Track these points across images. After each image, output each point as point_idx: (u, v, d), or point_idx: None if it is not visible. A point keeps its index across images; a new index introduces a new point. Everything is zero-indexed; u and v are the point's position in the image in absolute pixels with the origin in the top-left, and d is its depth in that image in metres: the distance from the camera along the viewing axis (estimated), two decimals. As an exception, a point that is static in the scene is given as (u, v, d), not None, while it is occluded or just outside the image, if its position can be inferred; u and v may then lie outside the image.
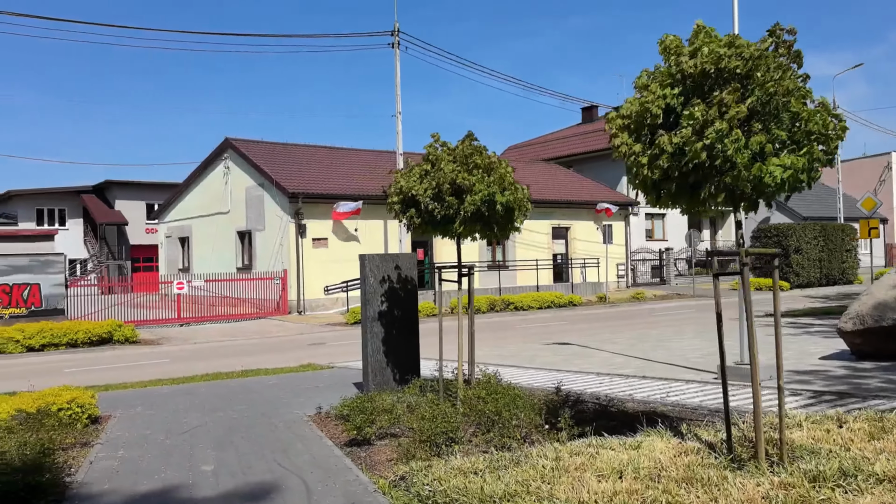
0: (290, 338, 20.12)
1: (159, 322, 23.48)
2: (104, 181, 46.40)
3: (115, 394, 11.03)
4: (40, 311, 21.04)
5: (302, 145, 31.38)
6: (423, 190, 8.24)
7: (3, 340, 17.35)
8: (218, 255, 29.87)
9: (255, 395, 10.35)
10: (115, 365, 15.47)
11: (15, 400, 8.31)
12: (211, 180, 30.90)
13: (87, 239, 46.36)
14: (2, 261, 20.61)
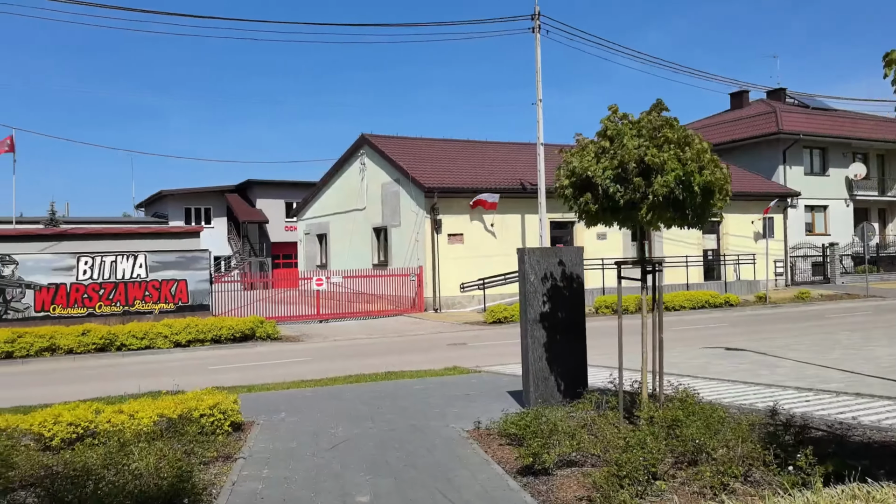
0: (429, 336, 19.34)
1: (299, 318, 23.42)
2: (246, 181, 47.98)
3: (258, 396, 10.47)
4: (187, 307, 21.40)
5: (437, 140, 30.72)
6: (601, 171, 6.98)
7: (153, 336, 17.58)
8: (354, 252, 29.75)
9: (403, 403, 9.44)
10: (258, 363, 15.18)
11: (158, 403, 7.78)
12: (347, 177, 30.85)
13: (231, 237, 48.14)
14: (152, 257, 21.11)
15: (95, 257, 20.42)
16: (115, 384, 12.55)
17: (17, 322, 19.18)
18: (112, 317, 20.38)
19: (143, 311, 20.86)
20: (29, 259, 19.76)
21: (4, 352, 16.08)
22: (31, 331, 16.65)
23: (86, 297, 20.32)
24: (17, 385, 13.04)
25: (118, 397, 10.72)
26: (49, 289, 19.87)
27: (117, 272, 20.63)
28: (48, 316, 19.78)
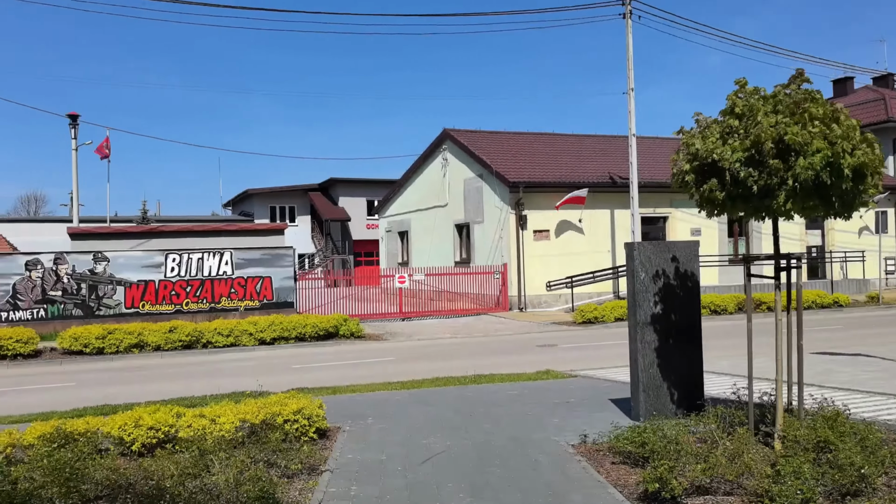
0: (516, 337, 18.57)
1: (381, 316, 23.08)
2: (329, 179, 48.34)
3: (344, 399, 9.97)
4: (271, 304, 21.34)
5: (521, 133, 29.88)
6: (729, 153, 6.09)
7: (238, 333, 17.48)
8: (436, 249, 29.27)
9: (498, 410, 8.74)
10: (341, 362, 14.78)
11: (240, 408, 7.35)
12: (429, 173, 30.39)
13: (314, 234, 48.62)
14: (237, 254, 21.13)
15: (183, 254, 20.59)
16: (199, 382, 12.36)
17: (108, 318, 19.49)
18: (199, 314, 20.51)
19: (228, 309, 20.91)
20: (119, 256, 20.07)
21: (95, 348, 16.25)
22: (121, 327, 16.80)
23: (174, 294, 20.50)
24: (106, 382, 13.03)
25: (201, 398, 10.44)
26: (138, 286, 20.13)
27: (204, 269, 20.74)
28: (137, 312, 20.05)
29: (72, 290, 19.57)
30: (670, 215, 26.33)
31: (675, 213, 26.32)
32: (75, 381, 13.24)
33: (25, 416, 9.64)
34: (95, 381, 13.21)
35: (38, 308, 19.29)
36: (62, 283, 19.48)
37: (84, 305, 19.68)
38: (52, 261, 19.44)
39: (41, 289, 19.30)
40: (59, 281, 19.46)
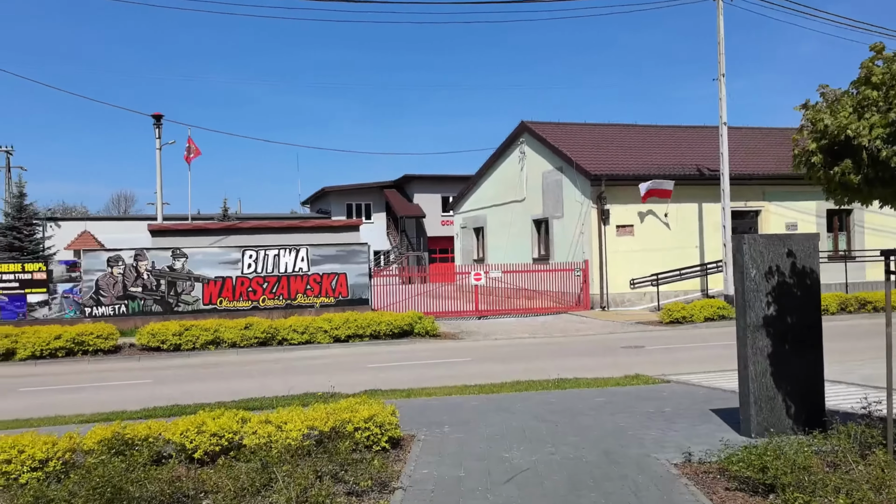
0: (599, 338, 17.65)
1: (457, 314, 22.50)
2: (403, 176, 48.15)
3: (418, 403, 9.39)
4: (346, 301, 21.06)
5: (601, 125, 28.75)
6: (867, 128, 5.17)
7: (313, 330, 17.20)
8: (513, 245, 28.50)
9: (585, 420, 7.98)
10: (416, 361, 14.24)
11: (308, 414, 6.84)
12: (506, 168, 29.63)
13: (389, 231, 48.54)
14: (313, 251, 20.93)
15: (259, 251, 20.52)
16: (273, 381, 12.04)
17: (186, 314, 19.58)
18: (275, 310, 20.40)
19: (304, 305, 20.74)
20: (197, 253, 20.14)
21: (172, 344, 16.24)
22: (198, 324, 16.75)
23: (250, 291, 20.46)
24: (181, 379, 12.87)
25: (272, 398, 10.07)
26: (216, 282, 20.17)
27: (280, 266, 20.62)
28: (215, 309, 20.08)
29: (151, 287, 19.75)
30: (763, 209, 24.78)
31: (768, 206, 24.76)
32: (152, 377, 13.15)
33: (97, 414, 9.45)
34: (171, 377, 13.08)
35: (120, 304, 19.55)
36: (142, 280, 19.68)
37: (163, 301, 19.84)
38: (132, 257, 19.67)
39: (122, 285, 19.55)
40: (140, 277, 19.67)
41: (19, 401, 11.14)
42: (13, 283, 18.84)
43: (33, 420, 9.08)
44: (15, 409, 10.35)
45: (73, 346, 15.71)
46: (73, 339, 15.68)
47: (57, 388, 12.16)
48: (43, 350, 15.45)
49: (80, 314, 19.21)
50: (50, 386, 12.49)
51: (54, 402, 10.84)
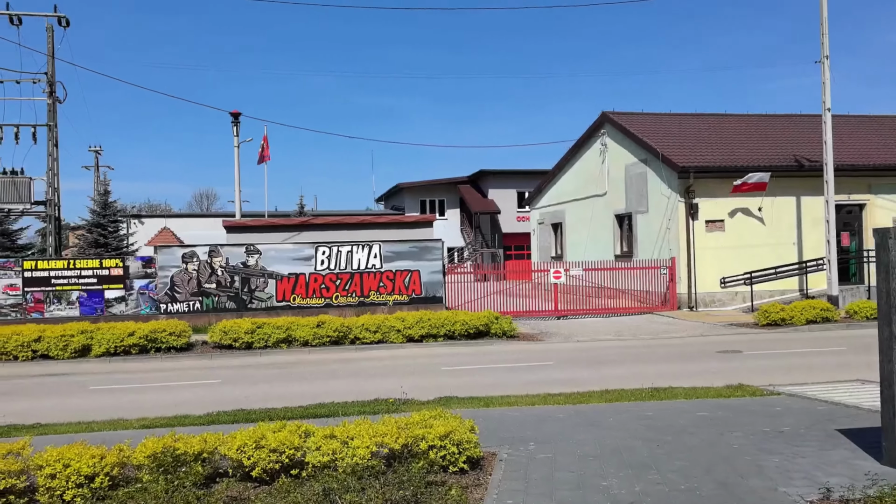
0: (690, 341, 16.41)
1: (535, 314, 21.55)
2: (478, 171, 47.34)
3: (497, 414, 8.56)
4: (420, 299, 20.41)
5: (688, 114, 27.20)
6: None
7: (386, 329, 16.59)
8: (593, 242, 27.30)
9: (691, 440, 6.98)
10: (494, 365, 13.41)
11: (378, 428, 6.11)
12: (585, 161, 28.43)
13: (464, 228, 47.84)
14: (386, 247, 20.38)
15: (332, 247, 20.09)
16: (343, 383, 11.43)
17: (260, 312, 19.33)
18: (348, 308, 19.95)
19: (377, 303, 20.21)
20: (270, 249, 19.86)
21: (244, 342, 15.91)
22: (270, 321, 16.37)
23: (323, 288, 20.06)
24: (250, 380, 12.42)
25: (341, 404, 9.42)
26: (289, 278, 19.84)
27: (353, 262, 20.15)
28: (289, 306, 19.76)
29: (225, 283, 19.57)
30: (868, 203, 22.84)
31: (874, 200, 22.82)
32: (221, 377, 12.76)
33: (160, 418, 9.01)
34: (240, 378, 12.65)
35: (194, 300, 19.45)
36: (216, 276, 19.53)
37: (237, 298, 19.64)
38: (206, 253, 19.54)
39: (196, 281, 19.43)
40: (214, 273, 19.52)
41: (87, 399, 10.88)
42: (91, 279, 18.97)
43: (95, 424, 8.70)
44: (81, 409, 10.05)
45: (147, 343, 15.55)
46: (146, 336, 15.53)
47: (125, 388, 11.89)
48: (117, 347, 15.34)
49: (155, 310, 19.20)
50: (119, 384, 12.24)
51: (120, 403, 10.51)
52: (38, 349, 15.12)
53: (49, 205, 23.56)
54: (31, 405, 10.48)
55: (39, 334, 15.20)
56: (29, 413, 9.86)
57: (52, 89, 23.65)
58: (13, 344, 14.98)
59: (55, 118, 23.73)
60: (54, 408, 10.24)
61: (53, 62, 23.76)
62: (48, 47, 23.67)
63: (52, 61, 23.73)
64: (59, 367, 14.46)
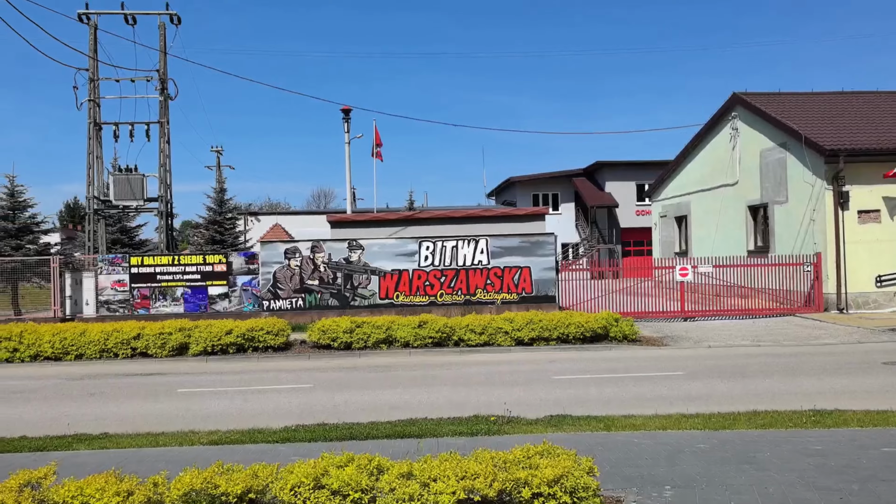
0: (846, 349, 14.11)
1: (658, 315, 19.59)
2: (594, 163, 45.15)
3: (622, 442, 7.03)
4: (530, 298, 18.95)
5: (830, 93, 24.28)
6: None
7: (493, 331, 15.26)
8: (722, 236, 24.87)
9: (883, 489, 5.23)
10: (613, 374, 11.78)
11: (468, 465, 4.78)
12: (713, 148, 25.98)
13: (579, 223, 45.76)
14: (493, 242, 19.04)
15: (437, 242, 18.97)
16: (441, 393, 10.19)
17: (363, 309, 18.49)
18: (453, 306, 18.78)
19: (484, 301, 18.93)
20: (374, 244, 18.97)
21: (343, 342, 15.01)
22: (369, 320, 15.40)
23: (427, 285, 18.98)
24: (343, 385, 11.41)
25: (434, 422, 8.15)
26: (392, 275, 18.89)
27: (458, 258, 18.95)
28: (392, 304, 18.81)
29: (328, 280, 18.85)
30: None
31: None
32: (313, 381, 11.83)
33: (233, 431, 8.08)
34: (334, 382, 11.67)
35: (297, 297, 18.84)
36: (319, 272, 18.84)
37: (339, 295, 18.87)
38: (309, 249, 18.88)
39: (299, 277, 18.82)
40: (317, 270, 18.84)
41: (170, 404, 10.17)
42: (195, 276, 18.72)
43: (162, 437, 7.84)
44: (159, 415, 9.33)
45: (244, 341, 14.94)
46: (243, 334, 14.92)
47: (214, 391, 11.15)
48: (214, 346, 14.81)
49: (258, 307, 18.73)
50: (208, 387, 11.53)
51: (201, 409, 9.73)
52: (137, 347, 14.80)
53: (161, 201, 23.75)
54: (112, 409, 9.87)
55: (139, 332, 14.88)
56: (107, 418, 9.22)
57: (164, 86, 23.83)
58: (113, 341, 14.72)
59: (167, 115, 23.91)
60: (134, 413, 9.57)
61: (165, 59, 23.93)
62: (160, 44, 23.87)
63: (164, 58, 23.91)
64: (155, 365, 14.05)
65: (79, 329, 14.94)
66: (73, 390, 11.43)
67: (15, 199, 24.38)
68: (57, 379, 12.63)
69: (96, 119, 23.45)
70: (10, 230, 23.79)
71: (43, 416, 9.45)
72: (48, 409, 9.99)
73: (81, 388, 11.57)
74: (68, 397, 10.84)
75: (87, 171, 23.41)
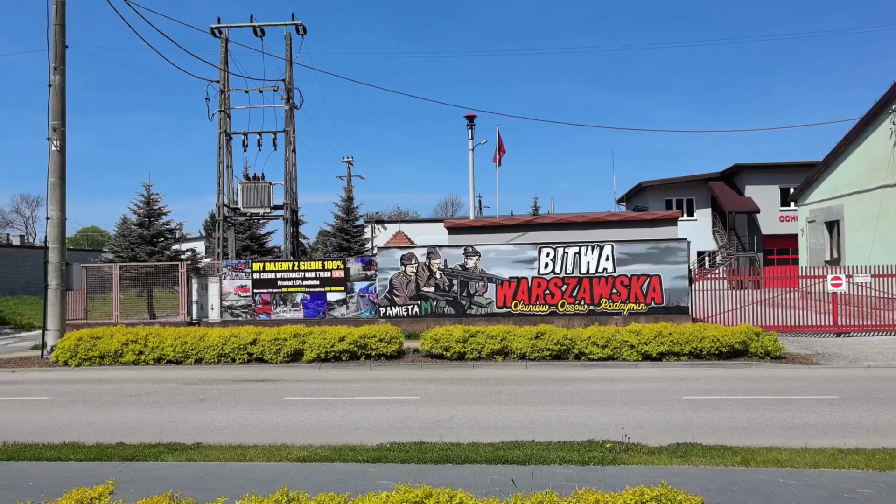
0: None
1: (805, 329, 17.63)
2: (733, 166, 42.30)
3: (763, 482, 5.91)
4: (660, 308, 17.57)
5: None
6: None
7: (617, 344, 14.15)
8: (881, 242, 22.28)
9: None
10: (753, 396, 10.42)
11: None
12: (869, 145, 23.39)
13: (716, 229, 43.02)
14: (619, 248, 17.82)
15: (557, 248, 17.99)
16: (555, 412, 9.29)
17: (479, 318, 17.81)
18: (575, 317, 17.73)
19: (609, 312, 17.74)
20: (490, 251, 18.25)
21: (456, 352, 14.39)
22: (484, 330, 14.69)
23: (547, 294, 18.03)
24: (449, 399, 10.74)
25: (542, 446, 7.28)
26: (510, 283, 18.09)
27: (581, 265, 17.87)
28: (510, 313, 18.01)
29: (443, 287, 18.33)
30: None
31: None
32: (420, 393, 11.25)
33: (325, 447, 7.59)
34: (441, 395, 11.03)
35: (413, 304, 18.43)
36: (434, 279, 18.35)
37: (455, 303, 18.29)
38: (424, 255, 18.44)
39: (415, 284, 18.41)
40: (432, 276, 18.36)
41: (273, 413, 9.88)
42: (314, 281, 18.74)
43: (252, 450, 7.45)
44: (259, 425, 9.04)
45: (356, 349, 14.65)
46: (356, 341, 14.63)
47: (319, 400, 10.81)
48: (327, 352, 14.60)
49: (374, 314, 18.49)
50: (315, 396, 11.21)
51: (302, 419, 9.36)
52: (254, 352, 14.83)
53: (286, 208, 24.17)
54: (215, 417, 9.70)
55: (255, 337, 14.92)
56: (208, 426, 9.03)
57: (290, 96, 24.27)
58: (231, 346, 14.83)
59: (292, 124, 24.33)
60: (235, 422, 9.34)
61: (291, 69, 24.39)
62: (286, 54, 24.35)
63: (290, 68, 24.37)
64: (269, 371, 13.98)
65: (199, 334, 15.18)
66: (185, 395, 11.44)
67: (150, 207, 25.64)
68: (174, 383, 12.77)
69: (226, 129, 24.22)
70: (145, 237, 25.02)
71: (148, 422, 9.40)
72: (156, 414, 9.96)
73: (193, 394, 11.57)
74: (178, 402, 10.83)
75: (218, 180, 24.20)
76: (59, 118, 16.41)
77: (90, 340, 15.21)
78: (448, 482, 5.53)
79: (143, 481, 6.15)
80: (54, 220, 16.31)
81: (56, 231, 16.37)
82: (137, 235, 25.27)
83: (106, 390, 12.09)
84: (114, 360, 15.03)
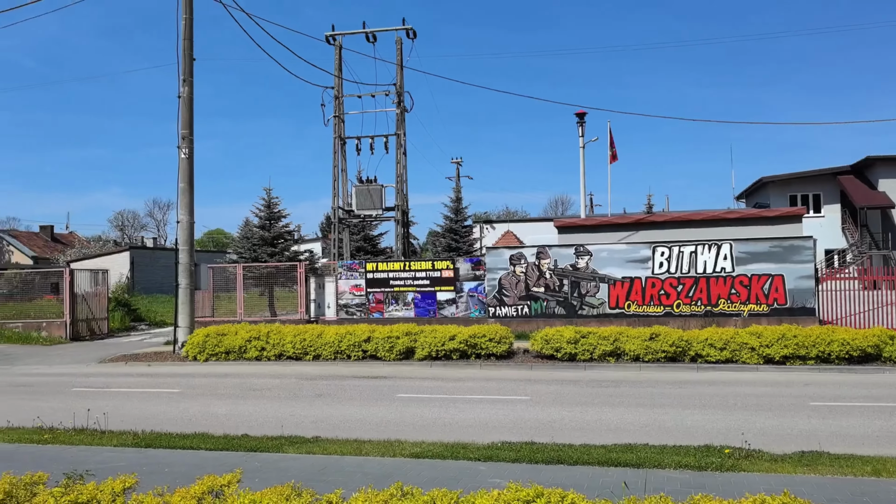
0: None
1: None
2: (864, 158, 39.68)
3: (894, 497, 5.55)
4: (783, 310, 16.74)
5: None
6: None
7: (736, 346, 13.60)
8: None
9: None
10: (886, 403, 9.76)
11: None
12: None
13: (846, 226, 40.44)
14: (738, 247, 17.10)
15: (672, 247, 17.48)
16: (668, 415, 9.06)
17: (591, 319, 17.57)
18: (692, 318, 17.17)
19: (728, 313, 17.07)
20: (602, 250, 17.96)
21: (567, 353, 14.26)
22: (596, 331, 14.48)
23: (662, 294, 17.55)
24: (560, 401, 10.68)
25: (656, 451, 7.13)
26: (623, 283, 17.73)
27: (697, 265, 17.29)
28: (623, 314, 17.66)
29: (554, 287, 18.19)
30: None
31: None
32: (530, 393, 11.24)
33: (437, 444, 7.72)
34: (552, 396, 10.98)
35: (522, 304, 18.41)
36: (544, 279, 18.25)
37: (566, 304, 18.12)
38: (534, 255, 18.37)
39: (525, 284, 18.37)
40: (542, 276, 18.27)
41: (386, 409, 10.15)
42: (424, 281, 19.06)
43: (367, 444, 7.69)
44: (373, 420, 9.32)
45: (466, 348, 14.79)
46: (465, 341, 14.77)
47: (432, 398, 11.00)
48: (438, 351, 14.82)
49: (483, 314, 18.60)
50: (428, 393, 11.43)
51: (416, 416, 9.57)
52: (368, 349, 15.27)
53: (397, 210, 24.70)
54: (332, 412, 10.07)
55: (369, 335, 15.35)
56: (325, 420, 9.40)
57: (401, 99, 24.79)
58: (346, 343, 15.32)
59: (403, 127, 24.84)
60: (351, 417, 9.66)
61: (402, 73, 24.90)
62: (397, 59, 24.88)
63: (401, 72, 24.88)
64: (382, 368, 14.35)
65: (316, 331, 15.77)
66: (304, 390, 11.93)
67: (270, 210, 26.85)
68: (293, 378, 13.34)
69: (341, 134, 25.02)
70: (266, 238, 26.23)
71: (270, 415, 9.87)
72: (277, 408, 10.45)
73: (311, 389, 12.04)
74: (297, 397, 11.30)
75: (333, 183, 25.05)
76: (188, 127, 17.47)
77: (216, 337, 16.10)
78: (559, 483, 5.51)
79: (266, 471, 6.48)
80: (184, 224, 17.37)
81: (185, 234, 17.44)
82: (259, 237, 26.54)
83: (231, 384, 12.78)
84: (238, 355, 15.85)
